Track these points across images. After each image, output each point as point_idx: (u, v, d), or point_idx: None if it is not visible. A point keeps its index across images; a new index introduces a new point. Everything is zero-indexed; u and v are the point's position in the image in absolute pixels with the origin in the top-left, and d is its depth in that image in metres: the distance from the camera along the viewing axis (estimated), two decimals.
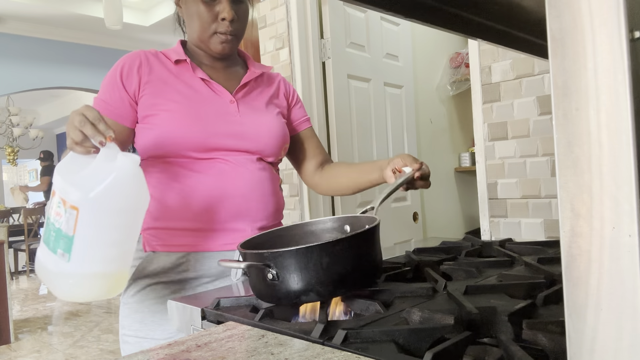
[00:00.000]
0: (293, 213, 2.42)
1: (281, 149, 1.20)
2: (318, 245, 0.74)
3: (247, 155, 1.13)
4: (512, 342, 0.55)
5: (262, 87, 1.23)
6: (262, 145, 1.14)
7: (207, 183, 1.08)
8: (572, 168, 0.34)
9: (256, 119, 1.15)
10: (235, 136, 1.11)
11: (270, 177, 1.17)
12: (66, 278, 0.84)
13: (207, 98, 1.12)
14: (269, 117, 1.18)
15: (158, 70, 1.12)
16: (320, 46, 2.37)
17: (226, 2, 1.10)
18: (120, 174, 0.83)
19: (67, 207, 0.82)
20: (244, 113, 1.14)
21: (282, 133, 1.19)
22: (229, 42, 1.13)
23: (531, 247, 1.15)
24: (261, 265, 0.74)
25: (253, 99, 1.19)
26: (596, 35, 0.33)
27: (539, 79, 1.51)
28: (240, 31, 1.15)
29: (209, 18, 1.10)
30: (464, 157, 3.40)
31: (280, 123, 1.20)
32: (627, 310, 0.32)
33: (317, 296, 0.74)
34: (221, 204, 1.08)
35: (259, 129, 1.14)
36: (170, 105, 1.08)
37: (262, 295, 0.78)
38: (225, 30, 1.11)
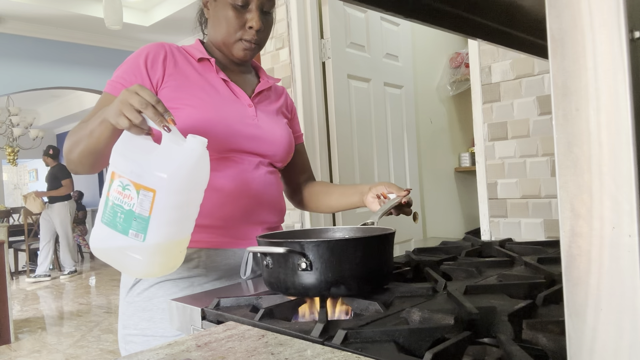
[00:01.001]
0: (293, 213, 2.42)
1: (289, 157, 1.24)
2: (355, 239, 0.79)
3: (260, 158, 1.16)
4: (512, 342, 0.55)
5: (273, 97, 1.27)
6: (275, 150, 1.18)
7: (224, 181, 1.09)
8: (572, 168, 0.34)
9: (271, 125, 1.19)
10: (254, 139, 1.14)
11: (277, 182, 1.21)
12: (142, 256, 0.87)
13: (228, 99, 1.14)
14: (281, 125, 1.23)
15: (182, 65, 1.13)
16: (320, 46, 2.37)
17: (256, 12, 1.11)
18: (193, 156, 0.87)
19: (141, 189, 0.85)
20: (261, 118, 1.18)
21: (291, 142, 1.24)
22: (251, 49, 1.15)
23: (531, 247, 1.15)
24: (297, 254, 0.75)
25: (267, 105, 1.23)
26: (596, 35, 0.33)
27: (539, 79, 1.51)
28: (264, 41, 1.18)
29: (237, 24, 1.12)
30: (464, 157, 3.41)
31: (289, 132, 1.24)
32: (627, 310, 0.32)
33: (347, 290, 0.76)
34: (236, 203, 1.10)
35: (274, 135, 1.18)
36: (194, 101, 1.08)
37: (287, 286, 0.78)
38: (250, 39, 1.13)
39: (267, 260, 0.80)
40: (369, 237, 0.80)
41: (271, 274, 0.80)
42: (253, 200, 1.13)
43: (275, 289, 0.80)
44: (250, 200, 1.12)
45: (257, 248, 0.80)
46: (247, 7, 1.11)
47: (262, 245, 0.82)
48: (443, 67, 3.37)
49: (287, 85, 2.39)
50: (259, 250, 0.79)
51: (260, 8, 1.12)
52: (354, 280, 0.76)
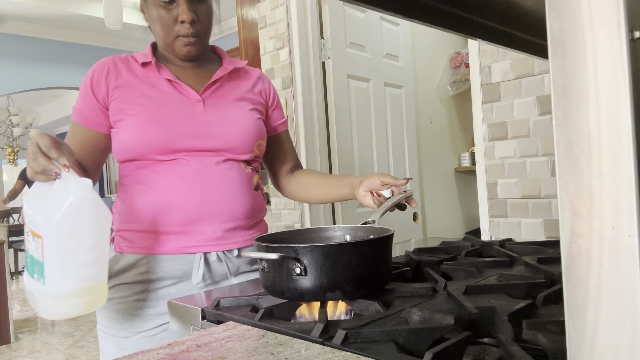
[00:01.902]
0: (293, 213, 2.42)
1: (253, 146, 1.17)
2: (350, 244, 0.78)
3: (212, 155, 1.11)
4: (512, 342, 0.55)
5: (237, 82, 1.22)
6: (229, 143, 1.12)
7: (166, 185, 1.08)
8: (572, 168, 0.34)
9: (224, 117, 1.14)
10: (198, 136, 1.10)
11: (240, 177, 1.14)
12: (46, 300, 0.91)
13: (172, 99, 1.12)
14: (240, 113, 1.17)
15: (125, 75, 1.13)
16: (320, 46, 2.37)
17: (184, 4, 1.08)
18: (75, 200, 0.88)
19: (34, 235, 0.89)
20: (211, 111, 1.13)
21: (254, 129, 1.17)
22: (192, 44, 1.12)
23: (531, 247, 1.15)
24: (291, 259, 0.74)
25: (223, 95, 1.17)
26: (596, 35, 0.33)
27: (539, 79, 1.51)
28: (203, 32, 1.14)
29: (169, 22, 1.09)
30: (464, 157, 3.41)
31: (252, 119, 1.18)
32: (627, 310, 0.32)
33: (342, 294, 0.76)
34: (179, 206, 1.08)
35: (226, 127, 1.13)
36: (135, 110, 1.09)
37: (282, 290, 0.78)
38: (186, 33, 1.10)
39: (263, 264, 0.79)
40: (364, 241, 0.79)
41: (267, 277, 0.80)
42: (200, 201, 1.09)
43: (272, 293, 0.80)
44: (196, 202, 1.08)
45: (251, 253, 0.79)
46: (174, 2, 1.08)
47: (256, 249, 0.81)
48: (443, 67, 3.37)
49: (287, 86, 2.39)
50: (253, 256, 0.78)
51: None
52: (349, 285, 0.75)
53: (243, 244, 1.15)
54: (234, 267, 1.14)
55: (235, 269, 1.15)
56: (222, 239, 1.11)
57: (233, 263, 1.14)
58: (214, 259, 1.11)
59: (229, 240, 1.12)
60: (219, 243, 1.11)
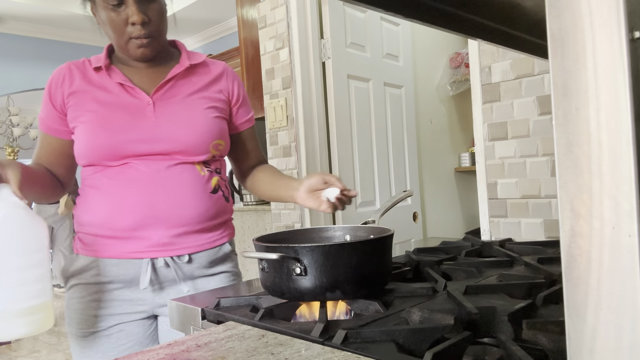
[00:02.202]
0: (293, 213, 2.43)
1: (208, 147, 1.13)
2: (350, 244, 0.78)
3: (163, 158, 1.10)
4: (512, 342, 0.55)
5: (196, 78, 1.18)
6: (180, 146, 1.10)
7: (115, 190, 1.09)
8: (572, 168, 0.34)
9: (175, 118, 1.11)
10: (147, 140, 1.09)
11: (192, 180, 1.12)
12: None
13: (123, 103, 1.11)
14: (194, 112, 1.13)
15: (79, 81, 1.13)
16: (320, 46, 2.37)
17: (133, 5, 1.06)
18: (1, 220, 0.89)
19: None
20: (162, 113, 1.11)
21: (209, 129, 1.13)
22: (146, 45, 1.10)
23: (531, 247, 1.15)
24: (291, 259, 0.74)
25: (177, 94, 1.14)
26: (596, 35, 0.33)
27: (539, 79, 1.51)
28: (156, 32, 1.11)
29: (120, 24, 1.07)
30: (464, 157, 3.40)
31: (207, 118, 1.14)
32: (627, 310, 0.32)
33: (342, 294, 0.76)
34: (125, 212, 1.08)
35: (177, 129, 1.10)
36: (87, 116, 1.10)
37: (282, 290, 0.78)
38: (138, 35, 1.08)
39: (263, 264, 0.79)
40: (364, 241, 0.79)
41: (267, 277, 0.80)
42: (147, 206, 1.08)
43: (272, 293, 0.80)
44: (143, 206, 1.08)
45: (251, 253, 0.79)
46: (123, 4, 1.06)
47: (257, 249, 0.81)
48: (443, 67, 3.37)
49: (287, 86, 2.39)
50: (253, 256, 0.78)
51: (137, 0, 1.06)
52: (349, 285, 0.75)
53: (196, 249, 1.13)
54: (185, 272, 1.13)
55: (187, 274, 1.13)
56: (169, 244, 1.10)
57: (183, 269, 1.12)
58: (161, 265, 1.10)
59: (178, 245, 1.11)
60: (167, 249, 1.10)
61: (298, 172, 2.37)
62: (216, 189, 1.17)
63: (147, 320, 1.17)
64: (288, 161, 2.42)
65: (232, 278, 1.21)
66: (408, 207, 2.75)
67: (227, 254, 1.20)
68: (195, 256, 1.13)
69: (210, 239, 1.15)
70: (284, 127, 2.42)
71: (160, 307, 1.15)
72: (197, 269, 1.14)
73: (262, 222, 2.80)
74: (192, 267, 1.13)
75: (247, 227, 2.89)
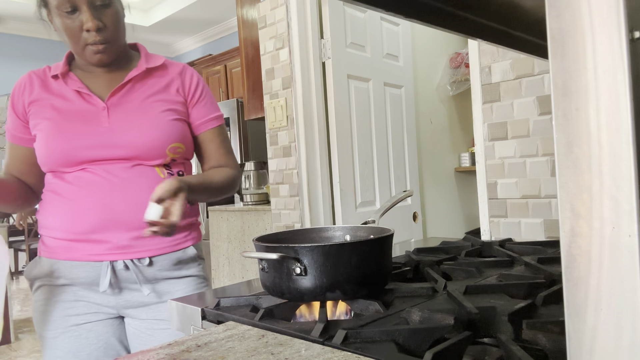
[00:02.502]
0: (293, 213, 2.43)
1: (164, 151, 1.12)
2: (350, 244, 0.79)
3: (119, 162, 1.10)
4: (512, 342, 0.55)
5: (152, 81, 1.16)
6: (133, 151, 1.10)
7: (73, 194, 1.10)
8: (572, 168, 0.34)
9: (129, 123, 1.11)
10: (100, 146, 1.09)
11: (151, 183, 1.09)
12: None
13: (78, 110, 1.11)
14: (149, 116, 1.12)
15: (38, 90, 1.14)
16: (320, 46, 2.37)
17: (87, 12, 1.04)
18: None
19: None
20: (116, 119, 1.11)
21: (164, 133, 1.12)
22: (102, 51, 1.09)
23: (531, 247, 1.15)
24: (291, 259, 0.74)
25: (132, 99, 1.13)
26: (596, 35, 0.33)
27: (539, 79, 1.51)
28: (112, 37, 1.10)
29: (75, 30, 1.07)
30: (464, 157, 3.40)
31: (162, 122, 1.12)
32: (627, 310, 0.32)
33: (342, 294, 0.76)
34: (84, 216, 1.09)
35: (131, 134, 1.10)
36: (44, 124, 1.11)
37: (282, 290, 0.78)
38: (94, 41, 1.07)
39: (263, 264, 0.79)
40: (364, 241, 0.79)
41: (267, 277, 0.80)
42: (104, 210, 1.08)
43: (272, 293, 0.80)
44: (100, 210, 1.08)
45: (251, 253, 0.79)
46: (77, 11, 1.05)
47: (257, 249, 0.81)
48: (443, 67, 3.37)
49: (287, 86, 2.39)
50: (253, 256, 0.78)
51: (91, 5, 1.05)
52: (349, 285, 0.75)
53: (157, 252, 1.13)
54: (146, 275, 1.13)
55: (148, 277, 1.14)
56: (128, 247, 1.10)
57: (144, 271, 1.13)
58: (121, 268, 1.11)
59: (138, 248, 1.11)
60: (126, 251, 1.10)
61: (298, 172, 2.37)
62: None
63: (115, 320, 1.18)
64: (288, 161, 2.42)
65: (198, 282, 1.20)
66: (408, 207, 2.75)
67: (192, 257, 1.19)
68: (157, 259, 1.13)
69: (173, 242, 1.15)
70: (284, 127, 2.42)
71: (125, 308, 1.16)
72: (159, 271, 1.14)
73: (262, 222, 2.80)
74: (154, 270, 1.14)
75: (247, 227, 2.90)
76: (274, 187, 2.52)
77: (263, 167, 3.33)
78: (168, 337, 1.14)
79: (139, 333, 1.17)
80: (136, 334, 1.17)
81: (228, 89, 4.70)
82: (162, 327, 1.16)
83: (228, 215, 3.02)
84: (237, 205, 3.27)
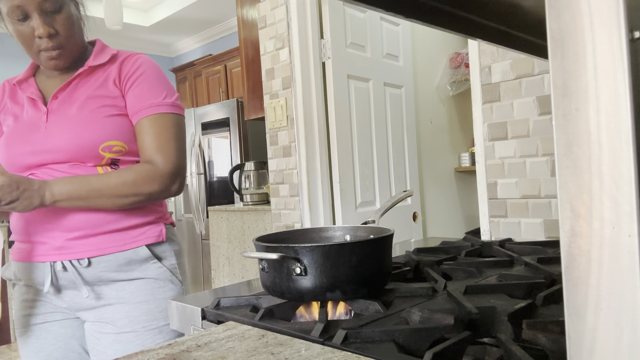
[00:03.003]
0: (293, 213, 2.42)
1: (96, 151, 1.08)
2: (350, 244, 0.78)
3: (60, 164, 1.09)
4: (512, 342, 0.55)
5: (94, 77, 1.13)
6: (68, 154, 1.08)
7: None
8: (572, 168, 0.34)
9: (62, 127, 1.09)
10: (36, 152, 1.09)
11: None
12: None
13: (27, 116, 1.13)
14: (81, 117, 1.08)
15: (7, 98, 1.18)
16: (320, 46, 2.37)
17: (39, 19, 1.03)
18: None
19: None
20: (52, 122, 1.10)
21: (96, 132, 1.07)
22: (57, 57, 1.08)
23: (531, 247, 1.15)
24: (291, 259, 0.74)
25: (74, 100, 1.11)
26: (596, 35, 0.33)
27: (539, 79, 1.51)
28: (66, 42, 1.08)
29: (28, 37, 1.06)
30: (463, 157, 3.40)
31: (95, 121, 1.08)
32: (627, 310, 0.32)
33: (342, 294, 0.76)
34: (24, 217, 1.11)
35: (62, 138, 1.08)
36: (4, 132, 1.16)
37: (282, 290, 0.78)
38: (47, 47, 1.06)
39: (263, 264, 0.79)
40: (364, 241, 0.79)
41: (267, 277, 0.80)
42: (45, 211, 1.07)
43: (272, 293, 0.80)
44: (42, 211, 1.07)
45: (251, 253, 0.79)
46: (28, 17, 1.03)
47: (257, 249, 0.81)
48: (443, 67, 3.37)
49: (287, 86, 2.39)
50: (253, 256, 0.78)
51: (42, 12, 1.03)
52: (349, 285, 0.75)
53: (98, 253, 1.09)
54: (86, 276, 1.11)
55: (90, 279, 1.11)
56: (64, 248, 1.09)
57: (83, 272, 1.10)
58: (60, 269, 1.10)
59: (75, 249, 1.09)
60: (63, 252, 1.10)
61: (298, 172, 2.37)
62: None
63: (74, 321, 1.18)
64: (288, 161, 2.42)
65: (155, 285, 1.14)
66: (408, 207, 2.75)
67: (144, 258, 1.13)
68: (99, 259, 1.10)
69: (117, 242, 1.10)
70: (284, 127, 2.42)
71: (76, 310, 1.16)
72: (103, 272, 1.11)
73: (262, 222, 2.80)
74: (96, 271, 1.10)
75: (247, 227, 2.90)
76: (274, 187, 2.52)
77: (263, 167, 3.33)
78: (113, 342, 1.11)
79: (89, 335, 1.16)
80: (87, 336, 1.17)
81: (228, 89, 4.70)
82: (106, 330, 1.12)
83: (228, 215, 3.02)
84: (237, 205, 3.27)
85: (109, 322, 1.13)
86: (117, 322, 1.12)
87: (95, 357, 1.14)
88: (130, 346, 1.10)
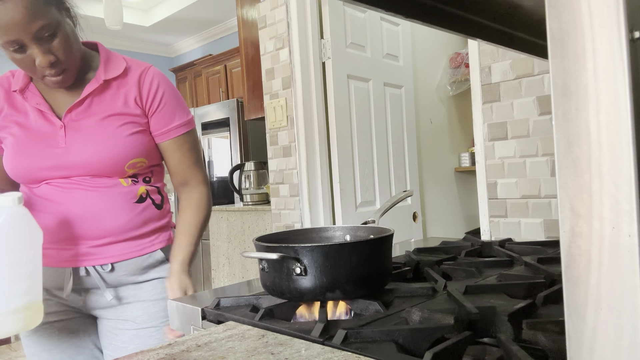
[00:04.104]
0: (293, 213, 2.43)
1: (122, 167, 1.11)
2: (350, 244, 0.78)
3: (82, 177, 1.10)
4: (512, 342, 0.55)
5: (110, 93, 1.13)
6: (91, 171, 1.10)
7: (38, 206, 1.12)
8: (572, 168, 0.34)
9: (85, 142, 1.09)
10: (58, 168, 1.09)
11: (112, 193, 1.11)
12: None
13: (38, 128, 1.11)
14: (105, 134, 1.10)
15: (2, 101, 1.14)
16: (320, 46, 2.37)
17: (36, 49, 1.01)
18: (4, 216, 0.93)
19: None
20: (72, 138, 1.09)
21: (122, 150, 1.10)
22: (62, 80, 1.07)
23: (531, 247, 1.15)
24: (291, 259, 0.74)
25: (90, 115, 1.11)
26: (596, 35, 0.33)
27: (539, 79, 1.51)
28: (67, 63, 1.07)
29: (29, 65, 1.04)
30: (463, 157, 3.40)
31: (120, 139, 1.10)
32: (627, 310, 0.32)
33: (342, 294, 0.76)
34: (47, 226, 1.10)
35: (87, 155, 1.09)
36: (9, 140, 1.12)
37: (282, 290, 0.78)
38: (50, 73, 1.05)
39: (263, 264, 0.80)
40: (364, 241, 0.79)
41: (267, 277, 0.80)
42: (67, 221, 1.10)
43: (272, 293, 0.80)
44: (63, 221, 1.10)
45: (251, 253, 0.79)
46: (26, 48, 1.01)
47: (257, 249, 0.81)
48: (443, 67, 3.37)
49: (287, 86, 2.39)
50: (253, 256, 0.78)
51: (38, 41, 1.00)
52: (349, 285, 0.75)
53: (119, 258, 1.14)
54: (109, 280, 1.15)
55: (112, 282, 1.16)
56: (89, 254, 1.13)
57: (106, 277, 1.15)
58: (83, 274, 1.13)
59: (99, 255, 1.13)
60: (87, 259, 1.13)
61: (298, 172, 2.37)
62: (143, 198, 1.17)
63: (88, 318, 1.21)
64: (288, 161, 2.43)
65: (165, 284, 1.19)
66: (408, 207, 2.75)
67: (159, 260, 1.20)
68: (120, 264, 1.15)
69: (137, 247, 1.16)
70: (284, 127, 2.42)
71: (92, 309, 1.19)
72: (124, 276, 1.16)
73: (262, 222, 2.80)
74: (118, 275, 1.16)
75: (247, 227, 2.90)
76: (274, 187, 2.52)
77: (263, 167, 3.33)
78: (133, 337, 1.17)
79: (105, 332, 1.20)
80: (103, 332, 1.21)
81: (228, 89, 4.70)
82: (126, 327, 1.17)
83: (228, 215, 3.02)
84: (237, 205, 3.27)
85: (129, 319, 1.17)
86: (137, 319, 1.17)
87: (113, 352, 1.18)
88: (149, 340, 1.16)
